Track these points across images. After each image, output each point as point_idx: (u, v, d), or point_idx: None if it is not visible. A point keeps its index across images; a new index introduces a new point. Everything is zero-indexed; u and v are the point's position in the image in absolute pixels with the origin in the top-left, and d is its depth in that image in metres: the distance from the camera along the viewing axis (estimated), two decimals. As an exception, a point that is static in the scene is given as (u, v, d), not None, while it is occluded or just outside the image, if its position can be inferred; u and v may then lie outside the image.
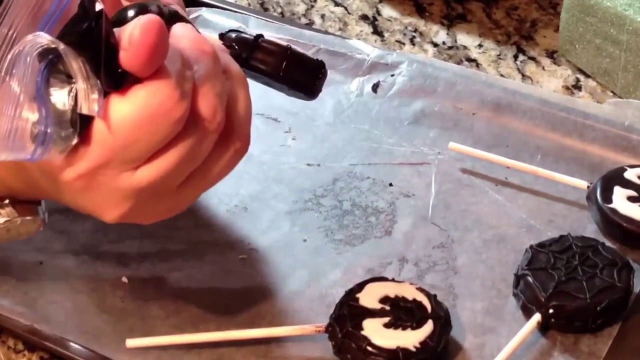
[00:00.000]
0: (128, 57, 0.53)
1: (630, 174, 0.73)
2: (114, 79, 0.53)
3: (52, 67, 0.52)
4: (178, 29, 0.57)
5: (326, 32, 0.88)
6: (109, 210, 0.58)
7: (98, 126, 0.54)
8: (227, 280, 0.70)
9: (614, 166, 0.74)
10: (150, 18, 0.53)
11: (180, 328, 0.66)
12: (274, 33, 0.87)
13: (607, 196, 0.71)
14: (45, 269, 0.70)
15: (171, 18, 0.58)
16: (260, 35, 0.63)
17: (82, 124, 0.54)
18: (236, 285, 0.69)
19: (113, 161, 0.55)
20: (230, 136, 0.58)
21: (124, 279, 0.69)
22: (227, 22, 0.87)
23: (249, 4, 0.94)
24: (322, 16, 0.93)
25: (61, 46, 0.52)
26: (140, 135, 0.54)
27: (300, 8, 0.94)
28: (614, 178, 0.73)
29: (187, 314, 0.68)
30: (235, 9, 0.89)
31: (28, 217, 0.63)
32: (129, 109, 0.54)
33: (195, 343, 0.65)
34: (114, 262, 0.71)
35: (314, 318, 0.67)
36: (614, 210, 0.71)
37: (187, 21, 0.59)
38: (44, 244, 0.71)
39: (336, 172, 0.77)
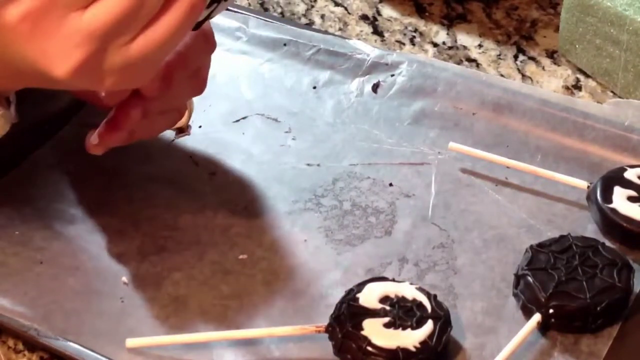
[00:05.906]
0: None
1: (630, 174, 0.73)
2: None
3: None
4: None
5: (326, 32, 0.88)
6: (60, 60, 0.53)
7: None
8: (227, 280, 0.70)
9: (614, 166, 0.74)
10: None
11: (180, 328, 0.66)
12: (274, 33, 0.87)
13: (607, 196, 0.71)
14: (45, 269, 0.70)
15: None
16: None
17: None
18: (236, 285, 0.69)
19: None
20: None
21: (124, 279, 0.69)
22: (227, 22, 0.87)
23: (249, 4, 0.94)
24: (322, 16, 0.93)
25: None
26: None
27: (300, 8, 0.94)
28: (614, 178, 0.73)
29: (187, 314, 0.67)
30: (236, 9, 0.89)
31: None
32: None
33: (195, 343, 0.65)
34: (114, 262, 0.71)
35: (314, 318, 0.67)
36: (614, 210, 0.71)
37: None
38: (44, 244, 0.71)
39: (336, 172, 0.77)
